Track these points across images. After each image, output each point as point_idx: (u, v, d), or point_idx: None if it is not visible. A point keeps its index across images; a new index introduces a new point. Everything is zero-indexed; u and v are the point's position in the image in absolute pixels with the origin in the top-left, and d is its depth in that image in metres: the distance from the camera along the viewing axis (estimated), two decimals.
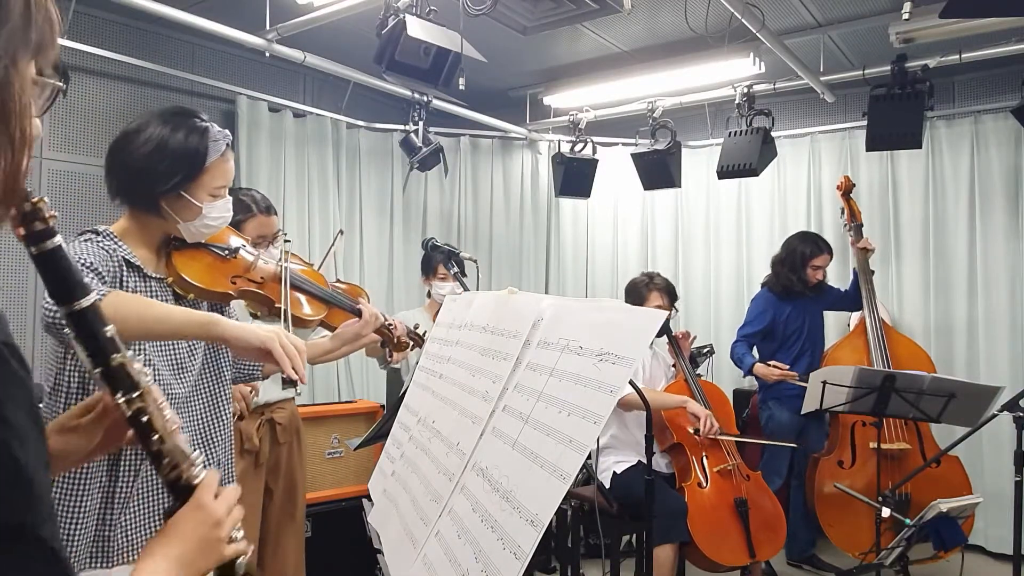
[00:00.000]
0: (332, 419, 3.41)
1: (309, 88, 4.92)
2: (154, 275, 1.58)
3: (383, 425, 2.52)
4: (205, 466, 0.91)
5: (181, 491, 0.88)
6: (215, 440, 1.69)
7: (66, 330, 0.85)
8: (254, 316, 2.58)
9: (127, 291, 1.50)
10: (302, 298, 1.89)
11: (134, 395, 0.86)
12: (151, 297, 1.55)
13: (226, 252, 1.67)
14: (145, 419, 0.86)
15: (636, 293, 3.44)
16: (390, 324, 2.18)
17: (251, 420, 2.57)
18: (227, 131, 1.62)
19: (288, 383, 1.43)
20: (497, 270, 5.35)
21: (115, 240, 1.52)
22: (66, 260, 0.80)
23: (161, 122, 1.55)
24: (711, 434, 3.08)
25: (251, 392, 2.48)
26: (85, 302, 0.81)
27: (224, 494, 0.90)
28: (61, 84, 0.72)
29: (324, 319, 1.94)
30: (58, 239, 0.78)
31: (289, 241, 2.38)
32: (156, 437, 0.86)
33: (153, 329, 1.40)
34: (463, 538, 1.10)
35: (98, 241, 1.50)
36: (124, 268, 1.51)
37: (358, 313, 2.00)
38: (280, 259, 1.81)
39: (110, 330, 0.84)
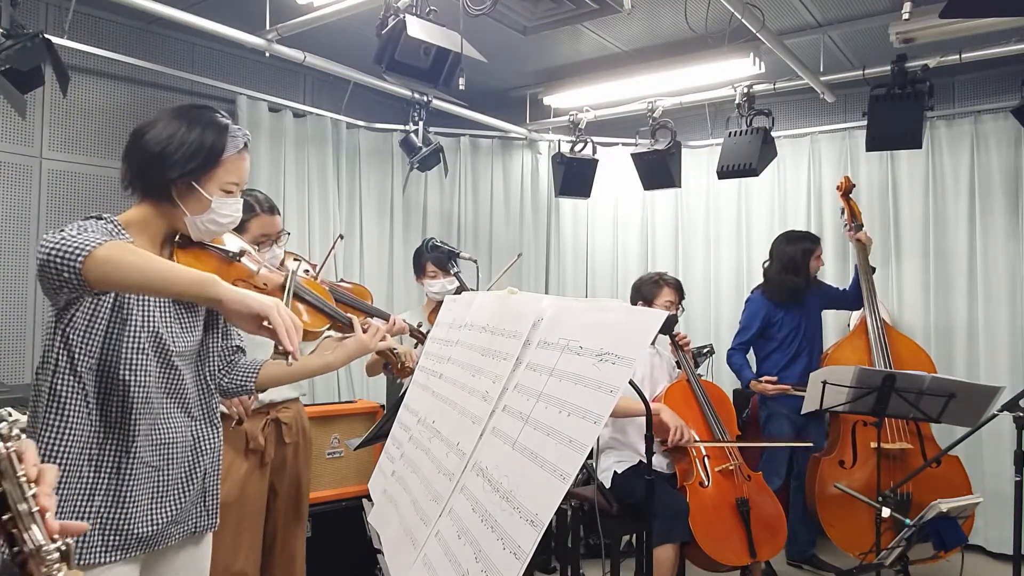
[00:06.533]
0: (332, 419, 3.41)
1: (309, 88, 4.92)
2: None
3: (383, 425, 2.52)
4: (68, 561, 0.75)
5: None
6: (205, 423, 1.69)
7: None
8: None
9: None
10: (302, 308, 1.88)
11: None
12: None
13: (230, 254, 1.67)
14: None
15: (646, 290, 3.44)
16: (395, 350, 2.13)
17: (256, 420, 2.56)
18: (247, 131, 1.64)
19: (281, 354, 1.41)
20: (497, 270, 5.34)
21: (118, 226, 1.52)
22: None
23: (180, 114, 1.57)
24: (681, 443, 3.05)
25: (250, 398, 2.47)
26: None
27: None
28: None
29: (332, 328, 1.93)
30: None
31: (288, 233, 2.36)
32: (7, 517, 0.73)
33: (153, 282, 1.35)
34: (463, 538, 1.10)
35: (102, 223, 1.50)
36: None
37: (363, 328, 1.94)
38: (287, 267, 1.79)
39: None
